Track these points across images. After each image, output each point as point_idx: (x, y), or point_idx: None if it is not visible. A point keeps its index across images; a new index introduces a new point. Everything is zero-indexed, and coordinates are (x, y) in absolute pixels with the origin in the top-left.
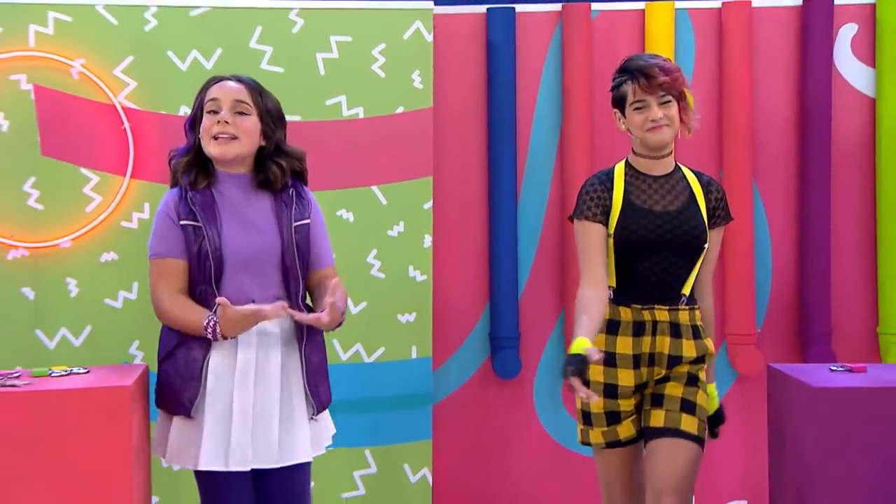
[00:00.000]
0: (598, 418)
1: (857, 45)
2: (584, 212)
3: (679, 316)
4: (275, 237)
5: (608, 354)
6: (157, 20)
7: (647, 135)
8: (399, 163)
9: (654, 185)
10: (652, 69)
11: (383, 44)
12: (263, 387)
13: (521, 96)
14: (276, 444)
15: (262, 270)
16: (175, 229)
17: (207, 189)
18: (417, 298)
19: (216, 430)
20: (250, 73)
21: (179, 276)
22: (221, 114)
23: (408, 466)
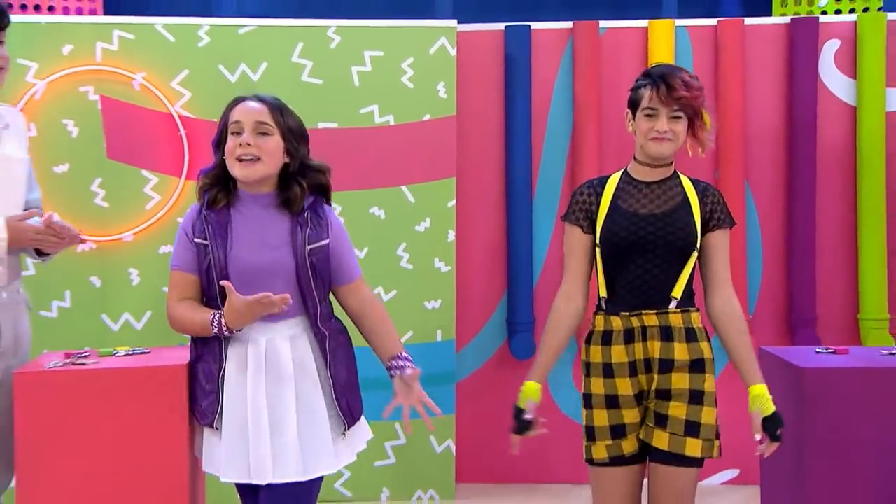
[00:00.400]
0: (602, 432)
1: (840, 59)
2: (568, 215)
3: (670, 319)
4: (288, 258)
5: (605, 366)
6: (210, 37)
7: (649, 143)
8: (425, 165)
9: (646, 191)
10: (674, 80)
11: (411, 58)
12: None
13: (536, 105)
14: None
15: (270, 288)
16: (189, 245)
17: (226, 208)
18: (442, 287)
19: (238, 439)
20: (292, 85)
21: (190, 288)
22: (244, 136)
23: (433, 438)
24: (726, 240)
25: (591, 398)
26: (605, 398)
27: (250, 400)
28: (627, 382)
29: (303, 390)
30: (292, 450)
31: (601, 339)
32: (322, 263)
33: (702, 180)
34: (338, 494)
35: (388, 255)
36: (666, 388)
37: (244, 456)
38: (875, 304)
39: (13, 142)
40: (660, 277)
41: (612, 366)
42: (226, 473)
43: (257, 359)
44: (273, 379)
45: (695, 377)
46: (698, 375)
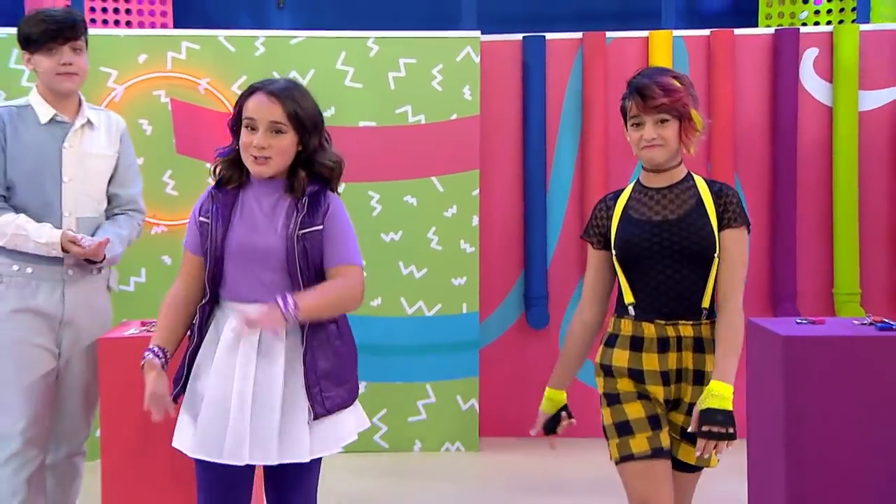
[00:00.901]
0: (640, 423)
1: (818, 65)
2: (585, 233)
3: (702, 330)
4: (278, 242)
5: (635, 371)
6: (265, 47)
7: (641, 152)
8: (452, 159)
9: (657, 197)
10: (650, 88)
11: (440, 64)
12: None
13: (550, 106)
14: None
15: (263, 270)
16: (194, 226)
17: (237, 189)
18: (467, 266)
19: (215, 417)
20: (336, 88)
21: (192, 268)
22: (258, 136)
23: (459, 397)
24: (738, 240)
25: (619, 395)
26: (636, 394)
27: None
28: (660, 389)
29: (274, 374)
30: (269, 432)
31: (629, 344)
32: (314, 249)
33: (717, 181)
34: (376, 446)
35: (420, 238)
36: (694, 402)
37: (218, 435)
38: (847, 280)
39: (97, 140)
40: (683, 284)
41: (644, 372)
42: (197, 451)
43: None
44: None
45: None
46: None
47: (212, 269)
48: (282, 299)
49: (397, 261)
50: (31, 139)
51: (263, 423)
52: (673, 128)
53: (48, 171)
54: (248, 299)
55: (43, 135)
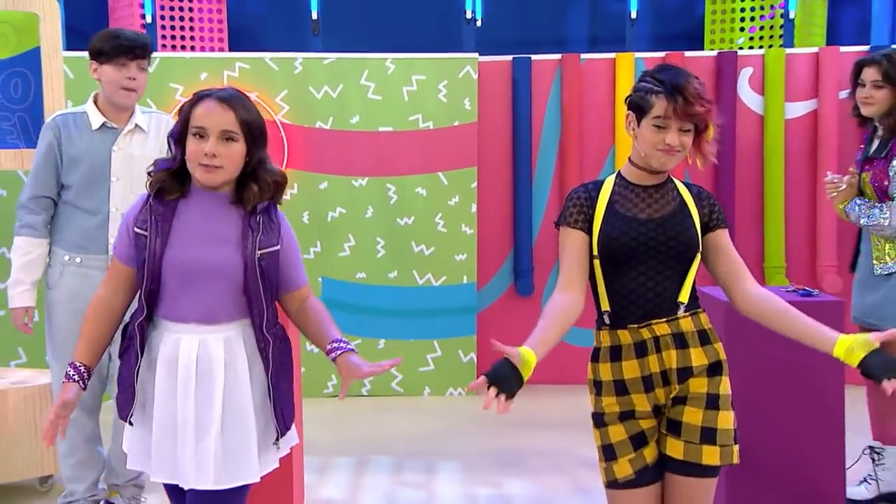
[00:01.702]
0: (623, 446)
1: (752, 81)
2: (566, 218)
3: (681, 324)
4: (236, 258)
5: (617, 383)
6: (302, 67)
7: (656, 154)
8: (455, 157)
9: (643, 195)
10: (691, 93)
11: (445, 80)
12: (206, 401)
13: (535, 115)
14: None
15: (209, 288)
16: (126, 235)
17: (175, 201)
18: (467, 245)
19: (164, 440)
20: (360, 100)
21: (120, 276)
22: (209, 144)
23: (461, 352)
24: (728, 238)
25: (604, 416)
26: (619, 414)
27: (179, 401)
28: (644, 398)
29: (232, 395)
30: (215, 456)
31: (609, 356)
32: (271, 269)
33: (693, 184)
34: (393, 391)
35: (429, 223)
36: (683, 395)
37: (171, 455)
38: (775, 256)
39: (145, 143)
40: (664, 284)
41: (626, 382)
42: (155, 473)
43: (188, 360)
44: (203, 381)
45: (712, 381)
46: (716, 378)
47: (148, 285)
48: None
49: (410, 241)
50: (84, 144)
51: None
52: (691, 137)
53: (99, 172)
54: (188, 319)
55: (95, 139)
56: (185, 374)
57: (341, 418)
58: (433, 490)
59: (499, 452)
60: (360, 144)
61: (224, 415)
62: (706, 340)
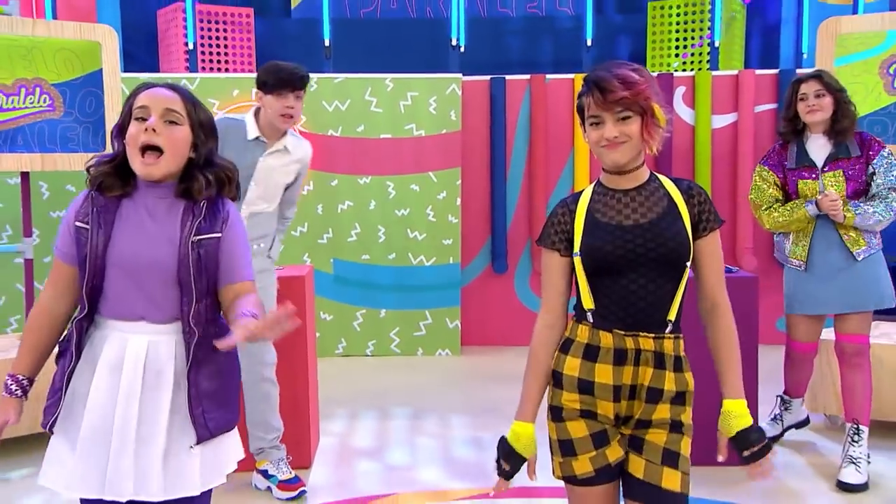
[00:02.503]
0: (584, 443)
1: (685, 97)
2: (543, 239)
3: (664, 345)
4: (169, 251)
5: (585, 382)
6: (318, 85)
7: (601, 151)
8: (443, 159)
9: (625, 200)
10: (610, 82)
11: (435, 96)
12: (151, 405)
13: (508, 124)
14: (158, 474)
15: (154, 284)
16: (67, 233)
17: (119, 198)
18: (453, 231)
19: (94, 448)
20: (364, 112)
21: (63, 280)
22: (150, 121)
23: (447, 319)
24: (717, 243)
25: (563, 411)
26: (580, 412)
27: (120, 405)
28: (609, 406)
29: (160, 400)
30: (153, 465)
31: (583, 352)
32: (209, 258)
33: (683, 179)
34: (392, 352)
35: (421, 214)
36: (647, 419)
37: (101, 466)
38: None
39: (286, 163)
40: (656, 294)
41: (595, 385)
42: (75, 487)
43: (135, 361)
44: (149, 384)
45: (676, 408)
46: (680, 407)
47: (90, 281)
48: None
49: (406, 228)
50: (235, 148)
51: (148, 454)
52: (636, 124)
53: (243, 175)
54: (132, 316)
55: (247, 147)
56: (132, 375)
57: (349, 373)
58: (422, 431)
59: (478, 402)
60: (364, 149)
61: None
62: (679, 368)
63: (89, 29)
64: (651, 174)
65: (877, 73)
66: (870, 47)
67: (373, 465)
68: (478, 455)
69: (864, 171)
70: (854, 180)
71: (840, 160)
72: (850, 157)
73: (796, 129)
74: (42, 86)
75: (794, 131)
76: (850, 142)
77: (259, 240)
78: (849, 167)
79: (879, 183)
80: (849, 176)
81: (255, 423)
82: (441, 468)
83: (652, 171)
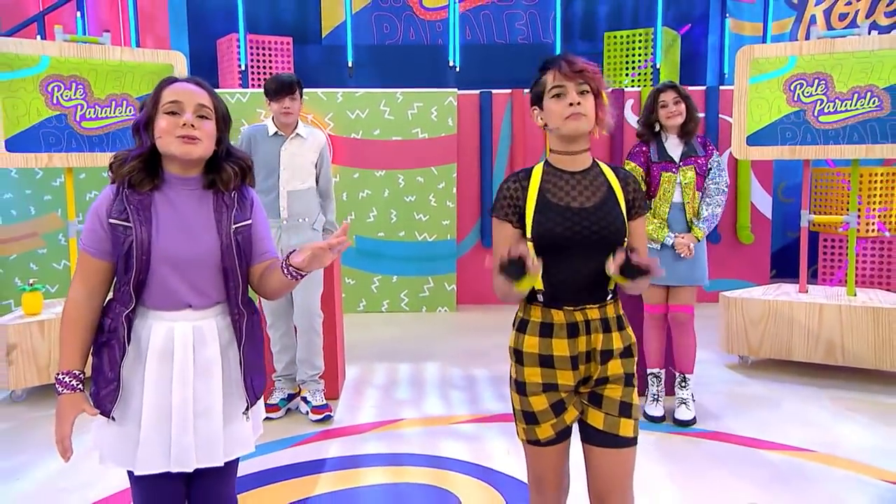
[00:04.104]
0: (545, 414)
1: (634, 108)
2: (496, 210)
3: (607, 310)
4: (213, 240)
5: (545, 357)
6: (342, 98)
7: (566, 122)
8: (441, 156)
9: (572, 182)
10: (574, 58)
11: (436, 106)
12: (204, 384)
13: (494, 129)
14: (219, 442)
15: (198, 274)
16: (100, 228)
17: (150, 192)
18: (450, 214)
19: (157, 429)
20: (378, 119)
21: (96, 274)
22: (186, 116)
23: (446, 284)
24: (644, 225)
25: (526, 386)
26: (542, 385)
27: (175, 388)
28: (570, 374)
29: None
30: (216, 435)
31: (539, 331)
32: (245, 243)
33: (619, 167)
34: (402, 309)
35: (425, 201)
36: (604, 376)
37: (164, 444)
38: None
39: (304, 146)
40: (597, 270)
41: (554, 358)
42: (144, 465)
43: (185, 346)
44: (200, 365)
45: (626, 362)
46: (629, 360)
47: (137, 276)
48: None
49: (413, 212)
50: (263, 146)
51: (209, 426)
52: (591, 100)
53: (272, 164)
54: (179, 305)
55: (270, 142)
56: (183, 360)
57: (367, 326)
58: (426, 370)
59: (470, 347)
60: (380, 149)
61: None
62: (621, 326)
63: (164, 54)
64: (593, 160)
65: (781, 89)
66: (776, 69)
67: (385, 396)
68: (470, 389)
69: (705, 167)
70: (701, 175)
71: (691, 157)
72: (699, 156)
73: (653, 131)
74: (128, 99)
75: (652, 133)
76: (696, 143)
77: (300, 215)
78: (697, 163)
79: (709, 182)
80: (698, 172)
81: (303, 360)
82: (440, 400)
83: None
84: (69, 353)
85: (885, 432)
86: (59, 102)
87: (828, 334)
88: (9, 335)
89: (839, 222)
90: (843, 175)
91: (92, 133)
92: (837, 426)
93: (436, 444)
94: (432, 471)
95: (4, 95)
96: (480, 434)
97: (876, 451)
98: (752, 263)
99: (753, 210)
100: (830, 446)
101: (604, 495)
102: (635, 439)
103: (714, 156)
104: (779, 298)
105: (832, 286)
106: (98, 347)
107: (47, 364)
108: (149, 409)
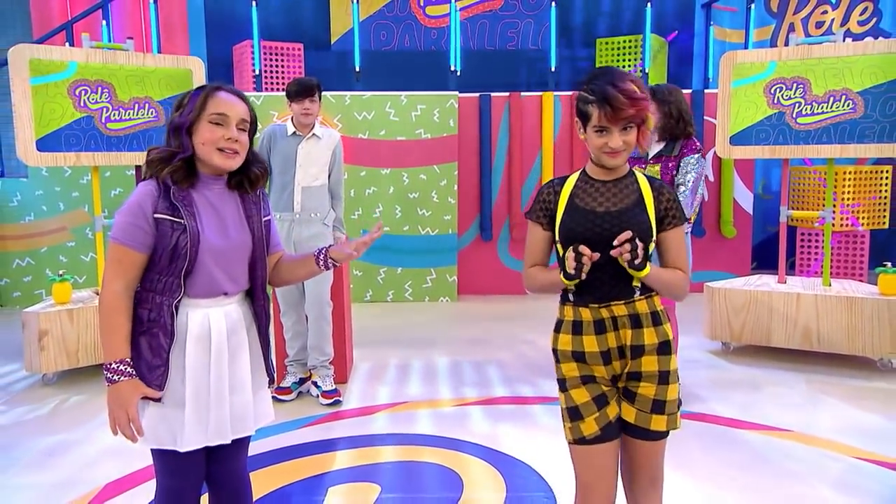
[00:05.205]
0: (588, 407)
1: None
2: (531, 213)
3: (637, 307)
4: (246, 234)
5: (577, 353)
6: (350, 100)
7: (603, 157)
8: (443, 156)
9: (602, 189)
10: (618, 99)
11: (438, 108)
12: (235, 363)
13: (493, 130)
14: (251, 413)
15: (232, 265)
16: (144, 223)
17: (188, 189)
18: (451, 210)
19: (198, 409)
20: (384, 120)
21: (134, 267)
22: (231, 131)
23: (447, 275)
24: (681, 236)
25: (566, 381)
26: (580, 378)
27: (213, 368)
28: (603, 369)
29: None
30: (248, 407)
31: (571, 329)
32: (267, 235)
33: (655, 178)
34: (406, 299)
35: (428, 197)
36: (637, 371)
37: (203, 421)
38: None
39: (319, 145)
40: (621, 269)
41: (585, 354)
42: (187, 443)
43: (220, 330)
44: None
45: (662, 359)
46: (665, 357)
47: (188, 267)
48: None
49: (416, 207)
50: (282, 144)
51: (242, 400)
52: (634, 132)
53: (290, 161)
54: (217, 293)
55: (289, 141)
56: (218, 343)
57: (375, 314)
58: (429, 356)
59: (471, 336)
60: (385, 148)
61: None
62: (658, 321)
63: (183, 60)
64: (630, 170)
65: (762, 93)
66: (758, 73)
67: (391, 380)
68: (472, 373)
69: (675, 168)
70: (667, 174)
71: (663, 157)
72: (671, 156)
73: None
74: (150, 102)
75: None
76: (680, 145)
77: (312, 210)
78: (667, 164)
79: (678, 177)
80: (663, 171)
81: (314, 347)
82: (442, 383)
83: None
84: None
85: (856, 412)
86: (86, 105)
87: (805, 321)
88: (40, 322)
89: (815, 217)
90: (820, 173)
91: (116, 134)
92: (813, 407)
93: (439, 425)
94: (436, 450)
95: (36, 99)
96: (484, 416)
97: (847, 430)
98: (735, 256)
99: (736, 206)
100: (806, 426)
101: (633, 474)
102: (667, 432)
103: (687, 157)
104: (759, 288)
105: (809, 277)
106: (136, 337)
107: (76, 349)
108: (191, 391)
